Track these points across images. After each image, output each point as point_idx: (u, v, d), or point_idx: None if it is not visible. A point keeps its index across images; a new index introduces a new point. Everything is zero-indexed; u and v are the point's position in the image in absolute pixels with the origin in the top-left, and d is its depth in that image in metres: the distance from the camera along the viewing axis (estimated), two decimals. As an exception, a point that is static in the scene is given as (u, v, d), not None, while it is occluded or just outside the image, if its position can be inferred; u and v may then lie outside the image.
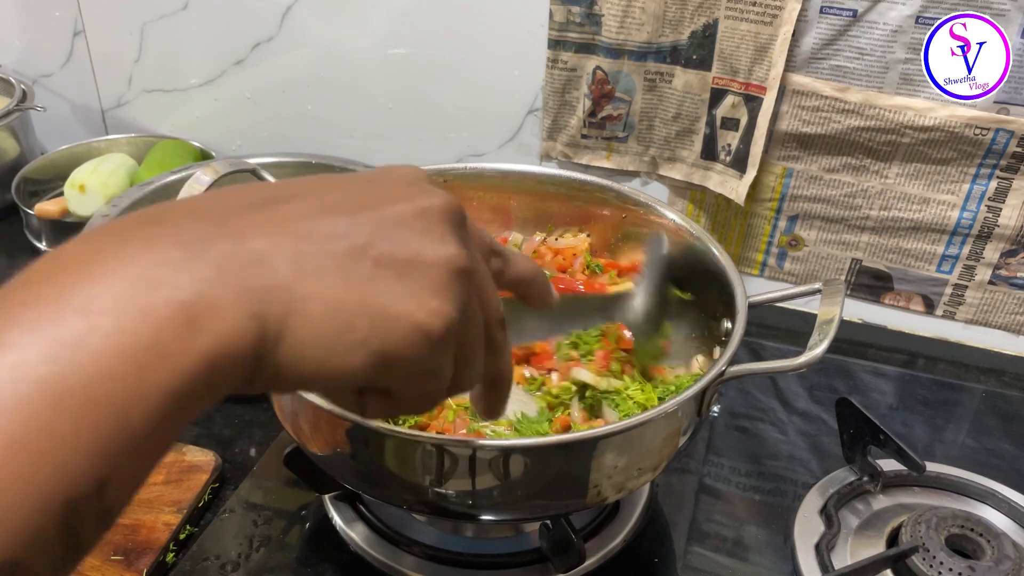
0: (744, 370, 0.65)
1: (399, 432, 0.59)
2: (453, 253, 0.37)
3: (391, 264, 0.36)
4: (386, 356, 0.35)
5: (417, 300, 0.36)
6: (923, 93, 0.94)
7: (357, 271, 0.35)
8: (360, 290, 0.35)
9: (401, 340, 0.35)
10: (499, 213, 0.91)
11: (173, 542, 0.74)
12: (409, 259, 0.36)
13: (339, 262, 0.35)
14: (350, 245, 0.35)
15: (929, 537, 0.73)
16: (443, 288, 0.37)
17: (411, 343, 0.36)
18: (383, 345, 0.35)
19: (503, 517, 0.71)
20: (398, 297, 0.35)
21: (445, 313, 0.36)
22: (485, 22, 1.10)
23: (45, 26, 1.30)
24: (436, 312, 0.36)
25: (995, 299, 1.04)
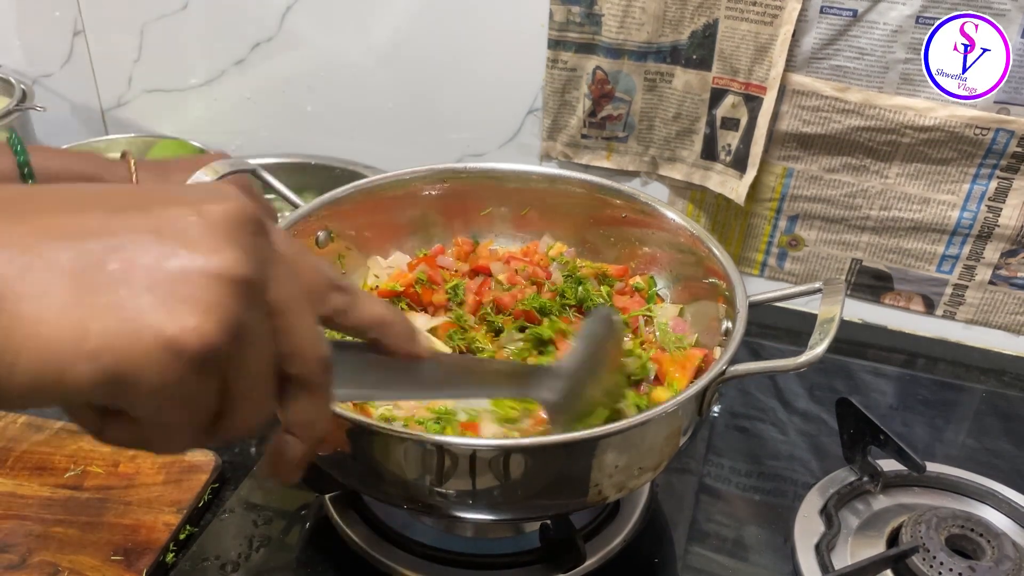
0: (744, 369, 0.65)
1: (400, 432, 0.59)
2: (228, 262, 0.32)
3: (146, 270, 0.31)
4: (120, 373, 0.30)
5: (170, 313, 0.30)
6: (923, 93, 0.94)
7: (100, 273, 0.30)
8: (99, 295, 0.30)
9: (142, 357, 0.30)
10: (499, 213, 0.91)
11: (173, 542, 0.74)
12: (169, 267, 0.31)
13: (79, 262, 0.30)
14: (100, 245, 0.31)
15: (929, 537, 0.73)
16: (208, 301, 0.31)
17: (154, 361, 0.30)
18: (117, 360, 0.30)
19: (504, 517, 0.71)
20: (146, 308, 0.30)
21: (203, 331, 0.31)
22: (485, 22, 1.10)
23: (45, 26, 1.30)
24: (192, 329, 0.31)
25: (995, 299, 1.04)
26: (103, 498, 0.77)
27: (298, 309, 0.36)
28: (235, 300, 0.32)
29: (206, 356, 0.31)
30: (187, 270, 0.31)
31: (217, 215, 0.33)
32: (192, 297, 0.31)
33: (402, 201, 0.88)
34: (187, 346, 0.31)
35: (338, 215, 0.84)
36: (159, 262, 0.31)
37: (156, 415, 0.33)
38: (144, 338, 0.30)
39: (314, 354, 0.37)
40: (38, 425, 0.85)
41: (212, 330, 0.31)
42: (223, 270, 0.32)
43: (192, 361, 0.31)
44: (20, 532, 0.74)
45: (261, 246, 0.34)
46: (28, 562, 0.71)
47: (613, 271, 0.86)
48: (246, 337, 0.33)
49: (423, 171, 0.87)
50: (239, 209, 0.33)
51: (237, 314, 0.32)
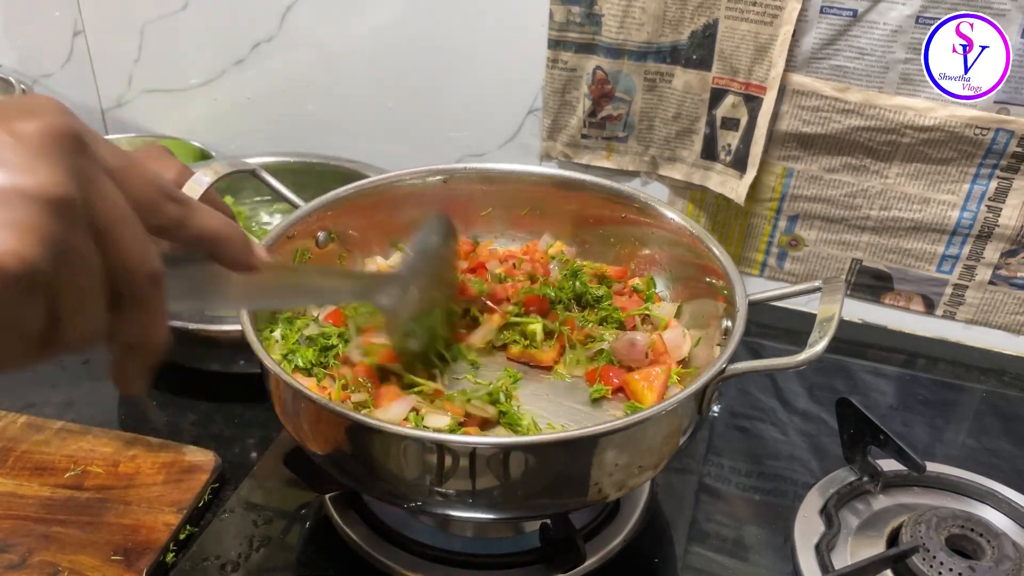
0: (744, 368, 0.65)
1: (400, 431, 0.59)
2: (44, 181, 0.31)
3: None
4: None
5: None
6: (923, 93, 0.94)
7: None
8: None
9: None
10: (499, 213, 0.91)
11: (173, 542, 0.74)
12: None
13: None
14: None
15: (929, 537, 0.73)
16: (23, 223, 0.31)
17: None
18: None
19: (504, 516, 0.71)
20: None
21: (20, 253, 0.31)
22: (485, 22, 1.10)
23: (45, 26, 1.30)
24: (9, 251, 0.30)
25: (995, 299, 1.04)
26: (103, 498, 0.77)
27: (124, 225, 0.35)
28: (53, 219, 0.31)
29: (25, 277, 0.31)
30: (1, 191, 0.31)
31: (32, 133, 0.32)
32: (7, 219, 0.30)
33: (402, 201, 0.88)
34: (5, 268, 0.30)
35: (338, 215, 0.84)
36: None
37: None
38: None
39: (143, 269, 0.36)
40: (38, 425, 0.85)
41: (30, 251, 0.31)
42: (39, 189, 0.31)
43: (11, 282, 0.30)
44: (20, 532, 0.74)
45: (81, 162, 0.33)
46: (28, 562, 0.71)
47: (612, 272, 0.86)
48: (68, 256, 0.32)
49: (423, 171, 0.87)
50: (56, 125, 0.33)
51: (55, 233, 0.32)
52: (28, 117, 0.33)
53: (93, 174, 0.34)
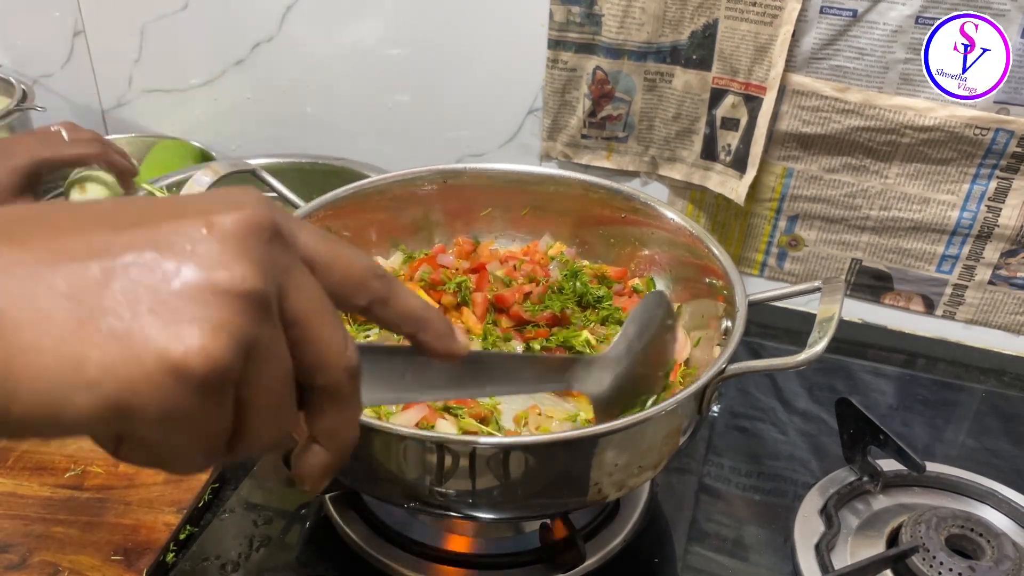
0: (744, 368, 0.65)
1: (400, 431, 0.59)
2: (238, 276, 0.30)
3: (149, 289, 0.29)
4: (122, 401, 0.28)
5: (173, 333, 0.29)
6: (923, 93, 0.94)
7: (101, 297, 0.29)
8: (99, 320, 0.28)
9: (144, 383, 0.28)
10: (499, 213, 0.91)
11: (173, 542, 0.74)
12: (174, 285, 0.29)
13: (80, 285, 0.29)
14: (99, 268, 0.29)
15: (929, 537, 0.73)
16: (214, 320, 0.29)
17: (157, 387, 0.29)
18: (119, 388, 0.28)
19: (504, 516, 0.71)
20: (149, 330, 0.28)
21: (209, 351, 0.29)
22: (485, 22, 1.10)
23: (45, 26, 1.30)
24: (198, 350, 0.29)
25: (995, 299, 1.04)
26: (103, 498, 0.77)
27: (320, 317, 0.34)
28: (244, 316, 0.30)
29: (213, 377, 0.29)
30: (192, 287, 0.29)
31: (228, 226, 0.31)
32: (197, 316, 0.29)
33: (402, 201, 0.88)
34: (192, 369, 0.29)
35: (338, 215, 0.84)
36: (163, 281, 0.29)
37: (166, 439, 0.31)
38: (145, 363, 0.28)
39: (340, 363, 0.35)
40: (38, 425, 0.85)
41: (219, 350, 0.29)
42: (231, 285, 0.30)
43: (199, 384, 0.29)
44: (20, 532, 0.74)
45: (275, 253, 0.32)
46: (28, 562, 0.71)
47: (612, 273, 0.86)
48: (258, 353, 0.31)
49: (423, 171, 0.87)
50: (252, 217, 0.32)
51: (246, 330, 0.30)
52: (227, 210, 0.31)
53: (289, 265, 0.33)
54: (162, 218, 0.31)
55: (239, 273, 0.30)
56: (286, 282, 0.33)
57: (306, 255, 0.34)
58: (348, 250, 0.37)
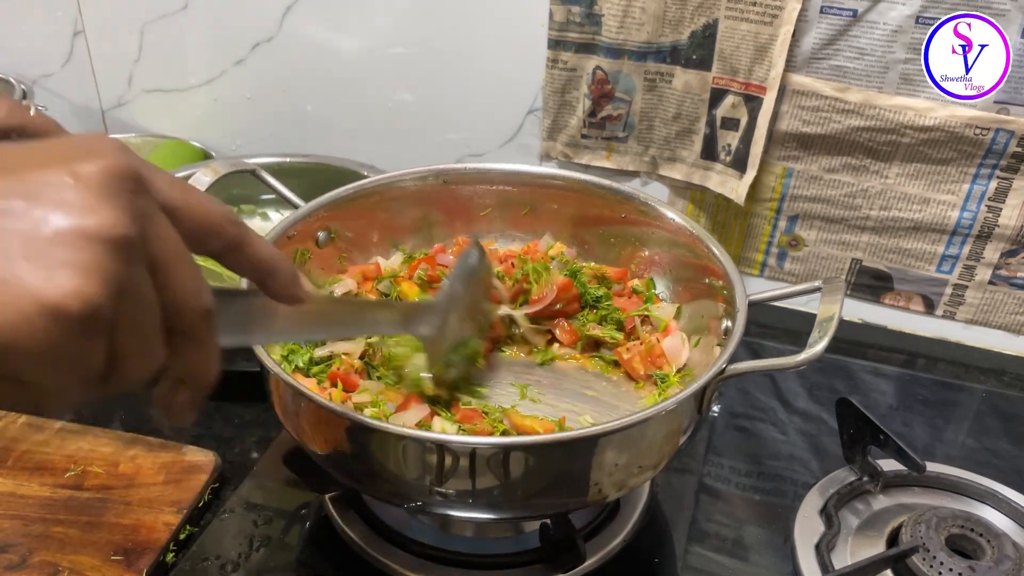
0: (744, 368, 0.65)
1: (400, 431, 0.59)
2: (105, 221, 0.32)
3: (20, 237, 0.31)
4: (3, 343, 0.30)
5: (48, 277, 0.31)
6: (923, 93, 0.94)
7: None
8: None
9: (22, 323, 0.30)
10: (499, 213, 0.91)
11: (173, 542, 0.74)
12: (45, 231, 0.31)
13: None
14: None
15: (929, 537, 0.73)
16: (86, 263, 0.31)
17: (36, 327, 0.30)
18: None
19: (503, 516, 0.71)
20: (24, 274, 0.30)
21: (85, 293, 0.31)
22: (485, 22, 1.10)
23: (45, 26, 1.30)
24: (72, 292, 0.31)
25: (995, 299, 1.04)
26: (103, 498, 0.77)
27: (179, 262, 0.36)
28: (114, 259, 0.32)
29: (88, 317, 0.31)
30: (63, 233, 0.31)
31: (92, 173, 0.32)
32: (70, 260, 0.31)
33: (402, 201, 0.88)
34: (68, 309, 0.31)
35: (338, 215, 0.84)
36: (34, 228, 0.31)
37: (44, 378, 0.33)
38: (23, 305, 0.30)
39: (197, 305, 0.37)
40: (38, 425, 0.85)
41: (93, 291, 0.31)
42: (100, 230, 0.32)
43: (74, 324, 0.31)
44: (20, 532, 0.74)
45: (139, 201, 0.34)
46: (28, 562, 0.71)
47: (612, 273, 0.86)
48: (128, 295, 0.33)
49: (423, 171, 0.87)
50: (114, 166, 0.33)
51: (117, 272, 0.32)
52: (88, 158, 0.33)
53: (151, 212, 0.35)
54: (26, 166, 0.32)
55: (108, 218, 0.32)
56: (148, 228, 0.34)
57: (164, 202, 0.36)
58: (204, 197, 0.39)
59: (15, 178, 0.32)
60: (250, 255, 0.41)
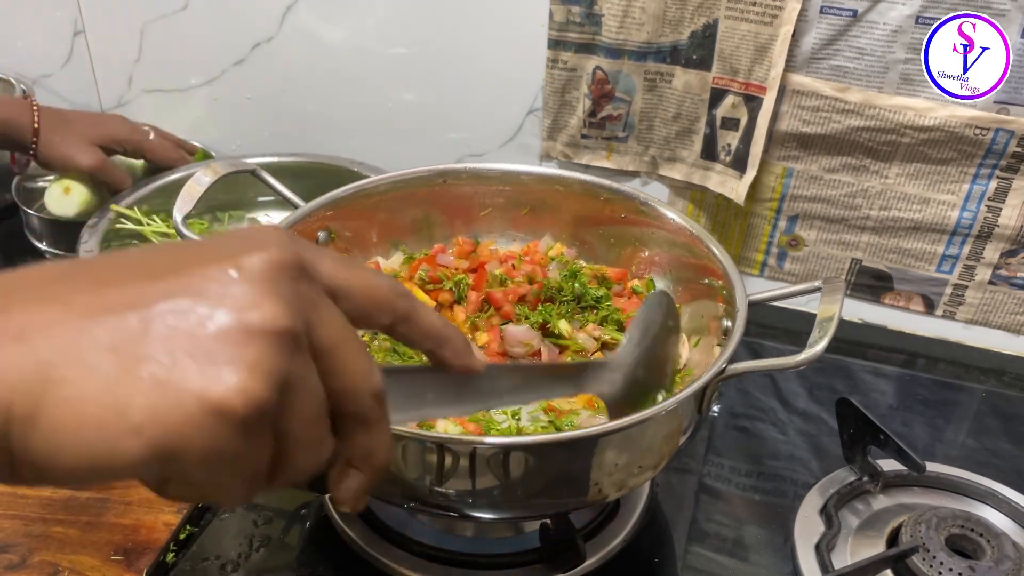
0: (744, 368, 0.65)
1: (399, 431, 0.59)
2: (269, 316, 0.31)
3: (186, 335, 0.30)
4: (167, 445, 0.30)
5: (211, 376, 0.30)
6: (923, 93, 0.94)
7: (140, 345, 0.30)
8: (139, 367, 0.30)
9: (187, 426, 0.30)
10: (499, 213, 0.91)
11: (173, 542, 0.74)
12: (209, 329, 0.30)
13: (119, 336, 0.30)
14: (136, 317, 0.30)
15: (929, 537, 0.73)
16: (250, 360, 0.30)
17: (200, 428, 0.30)
18: (163, 432, 0.29)
19: (504, 516, 0.71)
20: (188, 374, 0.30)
21: (248, 390, 0.30)
22: (485, 22, 1.10)
23: (45, 26, 1.30)
24: (237, 389, 0.30)
25: (995, 299, 1.04)
26: (103, 498, 0.77)
27: (346, 346, 0.35)
28: (278, 353, 0.31)
29: (253, 415, 0.31)
30: (226, 329, 0.31)
31: (256, 267, 0.32)
32: (234, 357, 0.30)
33: (402, 201, 0.88)
34: (233, 408, 0.30)
35: (338, 215, 0.84)
36: (198, 325, 0.30)
37: (211, 476, 0.32)
38: (187, 406, 0.30)
39: (367, 389, 0.36)
40: (38, 425, 0.85)
41: (257, 388, 0.30)
42: (263, 324, 0.31)
43: (240, 422, 0.30)
44: (20, 532, 0.74)
45: (302, 290, 0.34)
46: (28, 562, 0.71)
47: (612, 274, 0.86)
48: (293, 388, 0.32)
49: (423, 171, 0.88)
50: (277, 256, 0.33)
51: (281, 367, 0.31)
52: (252, 250, 0.33)
53: (315, 298, 0.34)
54: (192, 264, 0.32)
55: (270, 312, 0.31)
56: (313, 316, 0.34)
57: (329, 284, 0.36)
58: (368, 273, 0.38)
59: (181, 276, 0.32)
60: (420, 327, 0.41)
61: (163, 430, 0.29)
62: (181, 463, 0.30)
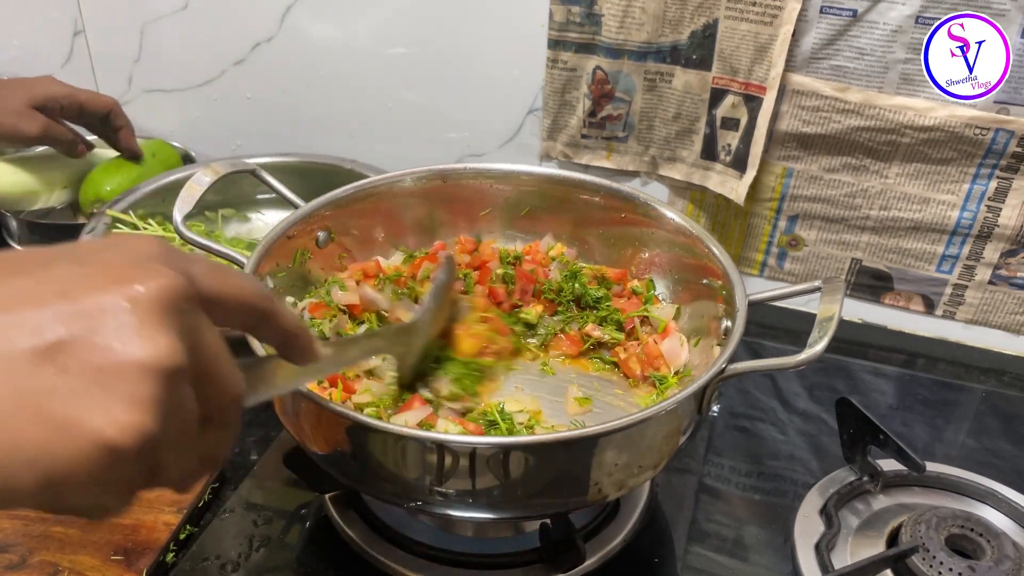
0: (744, 367, 0.65)
1: (399, 431, 0.59)
2: (162, 352, 0.32)
3: (80, 369, 0.31)
4: (59, 477, 0.31)
5: (106, 413, 0.31)
6: (923, 93, 0.94)
7: (35, 377, 0.31)
8: (36, 400, 0.30)
9: (79, 459, 0.31)
10: (499, 213, 0.91)
11: (173, 542, 0.74)
12: (105, 363, 0.31)
13: (13, 366, 0.31)
14: (32, 346, 0.31)
15: (929, 537, 0.73)
16: (141, 397, 0.32)
17: (91, 461, 0.31)
18: (54, 465, 0.31)
19: (503, 516, 0.71)
20: (82, 409, 0.31)
21: (140, 427, 0.32)
22: (485, 22, 1.10)
23: (45, 26, 1.30)
24: (129, 427, 0.31)
25: (995, 299, 1.04)
26: (103, 498, 0.77)
27: (219, 364, 0.37)
28: (167, 388, 0.33)
29: (143, 448, 0.32)
30: (120, 365, 0.31)
31: (147, 299, 0.33)
32: (126, 393, 0.31)
33: (402, 201, 0.88)
34: (124, 445, 0.31)
35: (338, 215, 0.84)
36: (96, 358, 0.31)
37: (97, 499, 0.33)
38: (81, 442, 0.31)
39: (231, 397, 0.38)
40: (38, 425, 0.85)
41: (148, 422, 0.32)
42: (155, 361, 0.32)
43: (130, 455, 0.32)
44: (20, 532, 0.74)
45: (189, 319, 0.35)
46: (28, 562, 0.71)
47: (612, 274, 0.86)
48: (175, 415, 0.34)
49: (423, 171, 0.87)
50: (168, 286, 0.34)
51: (169, 401, 0.33)
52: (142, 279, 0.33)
53: (197, 325, 0.36)
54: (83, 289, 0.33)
55: (163, 349, 0.32)
56: (195, 340, 0.35)
57: (206, 295, 0.37)
58: (238, 278, 0.40)
59: (75, 303, 0.32)
60: (277, 326, 0.43)
61: (55, 463, 0.31)
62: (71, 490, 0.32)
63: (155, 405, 0.32)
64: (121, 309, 0.32)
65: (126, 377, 0.31)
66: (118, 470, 0.32)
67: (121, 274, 0.33)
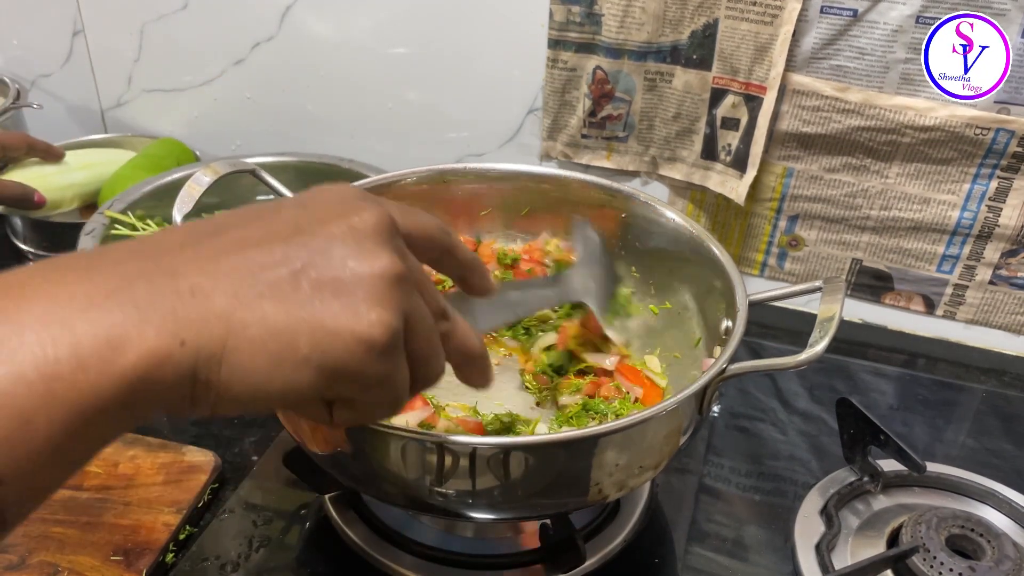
0: (745, 368, 0.65)
1: (399, 431, 0.59)
2: (387, 264, 0.40)
3: (328, 284, 0.38)
4: (332, 369, 0.38)
5: (356, 314, 0.38)
6: (923, 93, 0.94)
7: (295, 294, 0.38)
8: (299, 311, 0.37)
9: (344, 353, 0.38)
10: (499, 213, 0.91)
11: (173, 542, 0.74)
12: (345, 276, 0.39)
13: (276, 288, 0.38)
14: (287, 271, 0.38)
15: (929, 537, 0.73)
16: (382, 299, 0.39)
17: (355, 355, 0.38)
18: (326, 359, 0.38)
19: (504, 516, 0.71)
20: (337, 313, 0.38)
21: (386, 322, 0.39)
22: (485, 22, 1.10)
23: (45, 26, 1.30)
24: (377, 323, 0.39)
25: (995, 299, 1.04)
26: (103, 498, 0.77)
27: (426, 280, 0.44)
28: (401, 291, 0.40)
29: (391, 341, 0.39)
30: (359, 276, 0.39)
31: (366, 226, 0.40)
32: (369, 298, 0.39)
33: (402, 201, 0.87)
34: (377, 338, 0.39)
35: (338, 215, 0.83)
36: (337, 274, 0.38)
37: (368, 394, 0.41)
38: (343, 338, 0.38)
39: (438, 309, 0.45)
40: (38, 425, 0.85)
41: (391, 320, 0.39)
42: (386, 270, 0.39)
43: (384, 349, 0.39)
44: (20, 532, 0.73)
45: (398, 242, 0.42)
46: (28, 562, 0.71)
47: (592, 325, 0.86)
48: (413, 316, 0.41)
49: (423, 171, 0.87)
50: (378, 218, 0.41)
51: (404, 302, 0.40)
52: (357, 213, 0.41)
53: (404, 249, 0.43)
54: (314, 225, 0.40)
55: (388, 261, 0.40)
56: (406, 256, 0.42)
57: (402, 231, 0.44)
58: (422, 216, 0.47)
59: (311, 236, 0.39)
60: (458, 258, 0.50)
61: (324, 358, 0.38)
62: (342, 383, 0.39)
63: (395, 305, 0.39)
64: (348, 235, 0.40)
65: (363, 286, 0.39)
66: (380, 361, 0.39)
67: (341, 210, 0.41)
